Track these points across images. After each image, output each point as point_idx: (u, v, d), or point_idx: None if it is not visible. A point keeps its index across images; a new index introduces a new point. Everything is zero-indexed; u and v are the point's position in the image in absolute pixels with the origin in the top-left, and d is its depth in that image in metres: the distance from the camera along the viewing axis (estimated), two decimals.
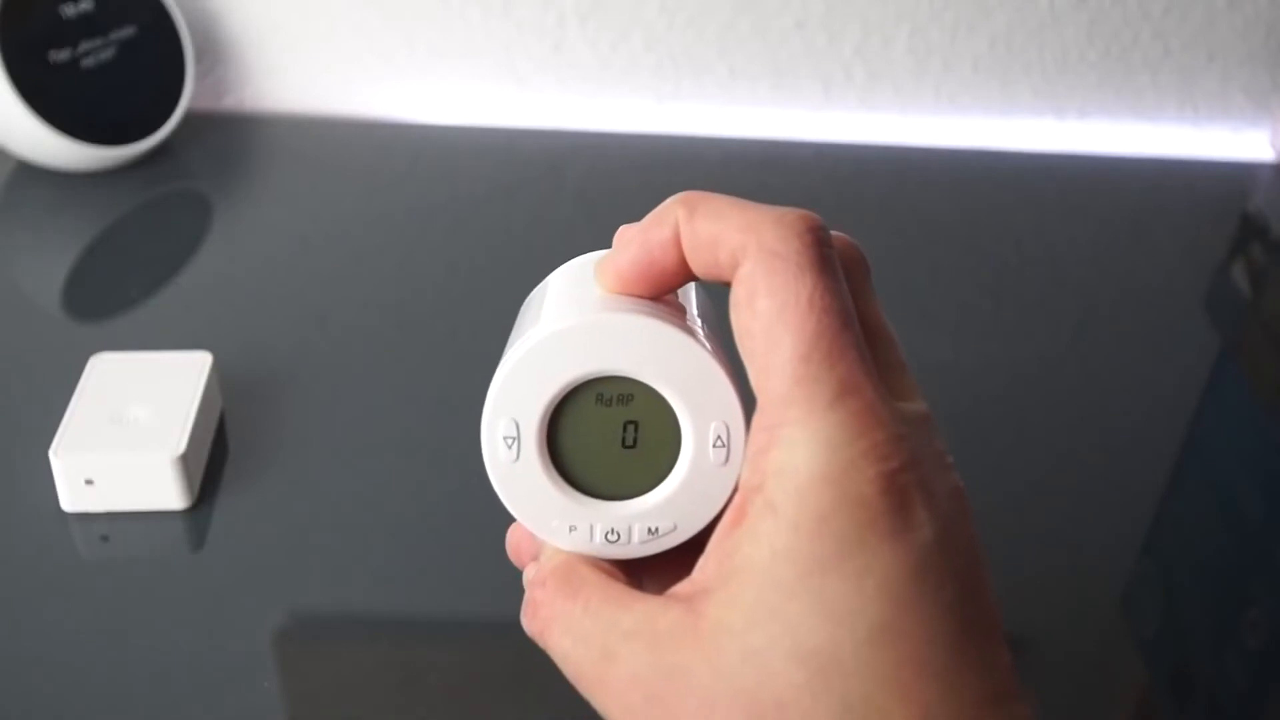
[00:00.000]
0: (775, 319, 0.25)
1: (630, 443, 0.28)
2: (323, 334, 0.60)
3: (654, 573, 0.29)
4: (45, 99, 0.67)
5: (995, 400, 0.57)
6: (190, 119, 0.76)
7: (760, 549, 0.24)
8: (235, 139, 0.79)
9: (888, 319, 0.29)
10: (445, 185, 0.75)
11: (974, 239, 0.73)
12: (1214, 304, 0.68)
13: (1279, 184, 0.82)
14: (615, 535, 0.29)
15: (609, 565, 0.29)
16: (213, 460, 0.49)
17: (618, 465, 0.28)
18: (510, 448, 0.28)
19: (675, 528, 0.29)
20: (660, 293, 0.28)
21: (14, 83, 0.66)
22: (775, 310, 0.25)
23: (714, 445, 0.28)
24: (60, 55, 0.68)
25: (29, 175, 0.71)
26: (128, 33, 0.72)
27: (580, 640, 0.27)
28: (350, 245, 0.68)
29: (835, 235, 0.27)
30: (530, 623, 0.28)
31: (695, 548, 0.28)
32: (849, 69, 0.82)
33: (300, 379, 0.56)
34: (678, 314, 0.28)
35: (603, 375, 0.27)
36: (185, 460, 0.46)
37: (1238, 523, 0.52)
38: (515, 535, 0.31)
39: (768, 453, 0.25)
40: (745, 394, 0.27)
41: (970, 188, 0.79)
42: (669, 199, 0.27)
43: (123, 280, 0.63)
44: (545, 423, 0.28)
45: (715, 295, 0.30)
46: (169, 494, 0.46)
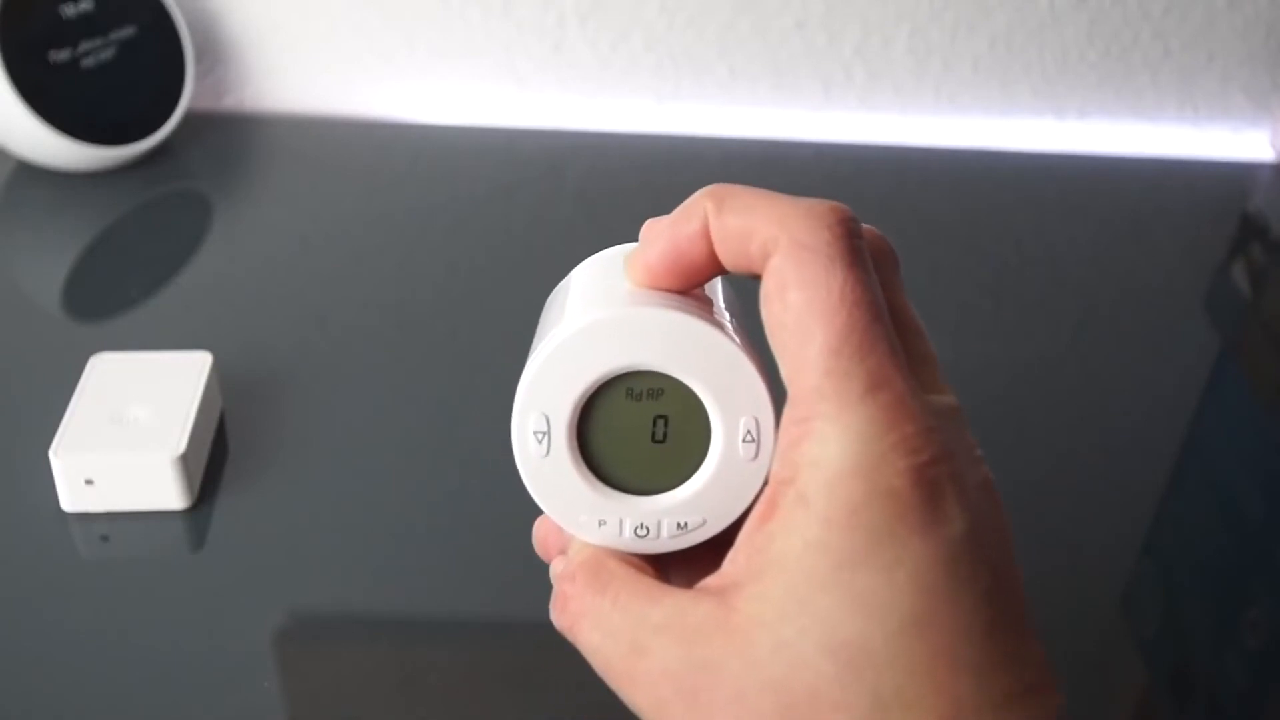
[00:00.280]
0: (806, 311, 0.25)
1: (660, 437, 0.28)
2: (323, 334, 0.60)
3: (681, 567, 0.29)
4: (45, 99, 0.67)
5: (995, 400, 0.57)
6: (190, 119, 0.76)
7: (792, 542, 0.24)
8: (235, 139, 0.79)
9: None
10: (445, 185, 0.75)
11: (974, 239, 0.73)
12: (1214, 304, 0.68)
13: (1279, 184, 0.82)
14: (644, 530, 0.29)
15: (637, 560, 0.29)
16: (213, 460, 0.49)
17: (647, 460, 0.28)
18: (540, 442, 0.28)
19: (704, 522, 0.29)
20: (689, 286, 0.28)
21: (14, 83, 0.66)
22: (806, 303, 0.25)
23: (744, 440, 0.28)
24: (60, 55, 0.68)
25: (29, 175, 0.71)
26: (128, 33, 0.72)
27: (609, 634, 0.27)
28: (350, 245, 0.68)
29: (865, 228, 0.27)
30: (559, 617, 0.28)
31: (722, 542, 0.28)
32: (849, 69, 0.82)
33: (300, 379, 0.56)
34: (707, 308, 0.28)
35: (633, 370, 0.27)
36: (185, 460, 0.46)
37: (1238, 523, 0.52)
38: (542, 529, 0.31)
39: (799, 446, 0.25)
40: (775, 389, 0.27)
41: (970, 188, 0.79)
42: (697, 192, 0.27)
43: (123, 280, 0.63)
44: (576, 417, 0.28)
45: (741, 289, 0.30)
46: (169, 494, 0.46)
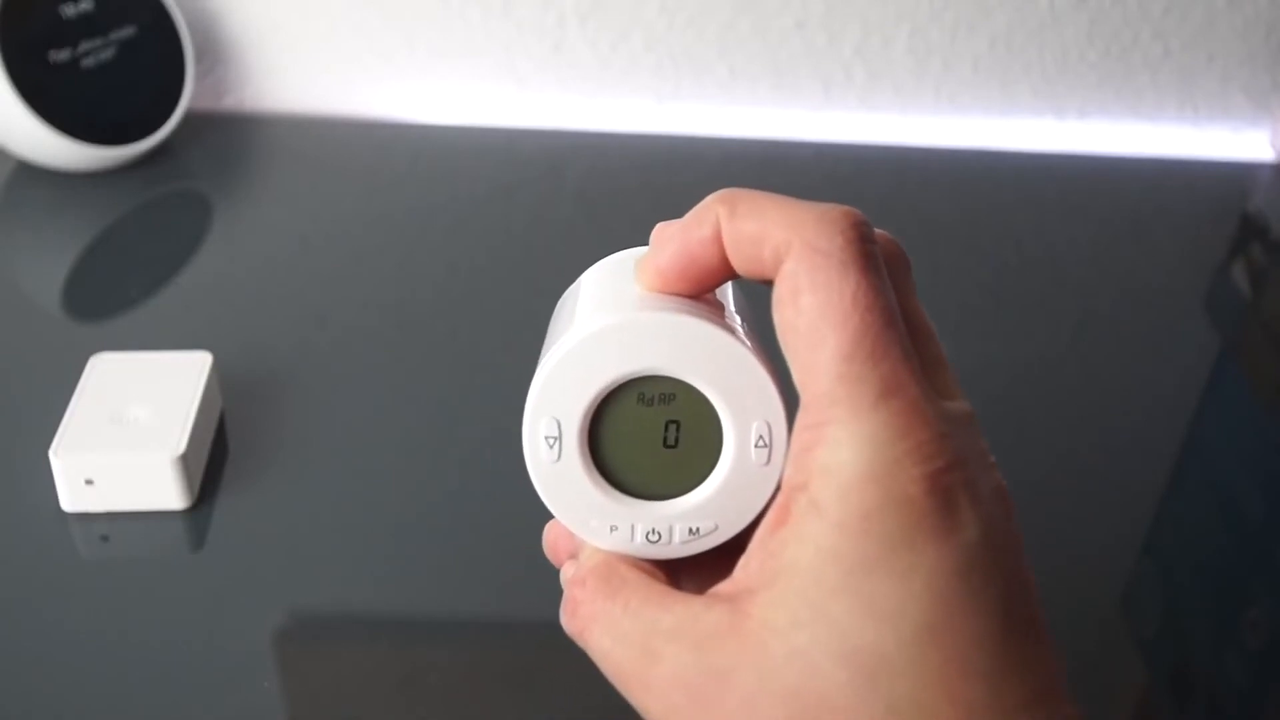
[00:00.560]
0: (819, 316, 0.25)
1: (672, 442, 0.28)
2: (323, 334, 0.60)
3: (692, 573, 0.29)
4: (45, 99, 0.67)
5: (995, 400, 0.57)
6: (190, 119, 0.76)
7: (805, 548, 0.24)
8: (235, 139, 0.79)
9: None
10: (445, 185, 0.75)
11: (974, 239, 0.73)
12: (1214, 304, 0.68)
13: (1279, 184, 0.82)
14: (656, 535, 0.28)
15: (648, 565, 0.29)
16: (213, 460, 0.49)
17: (659, 465, 0.28)
18: (552, 447, 0.28)
19: (716, 528, 0.28)
20: (700, 291, 0.28)
21: (14, 83, 0.66)
22: (819, 307, 0.25)
23: (756, 445, 0.27)
24: (60, 55, 0.68)
25: (29, 175, 0.71)
26: (128, 33, 0.72)
27: (621, 640, 0.27)
28: (350, 245, 0.68)
29: (877, 232, 0.27)
30: (570, 621, 0.28)
31: (733, 548, 0.28)
32: (849, 69, 0.82)
33: (300, 379, 0.55)
34: (718, 313, 0.28)
35: (645, 374, 0.27)
36: (185, 460, 0.46)
37: (1238, 523, 0.52)
38: (552, 534, 0.31)
39: (812, 451, 0.25)
40: (787, 393, 0.27)
41: (970, 188, 0.79)
42: (709, 197, 0.27)
43: (123, 280, 0.63)
44: (587, 422, 0.28)
45: (751, 293, 0.30)
46: (169, 494, 0.46)
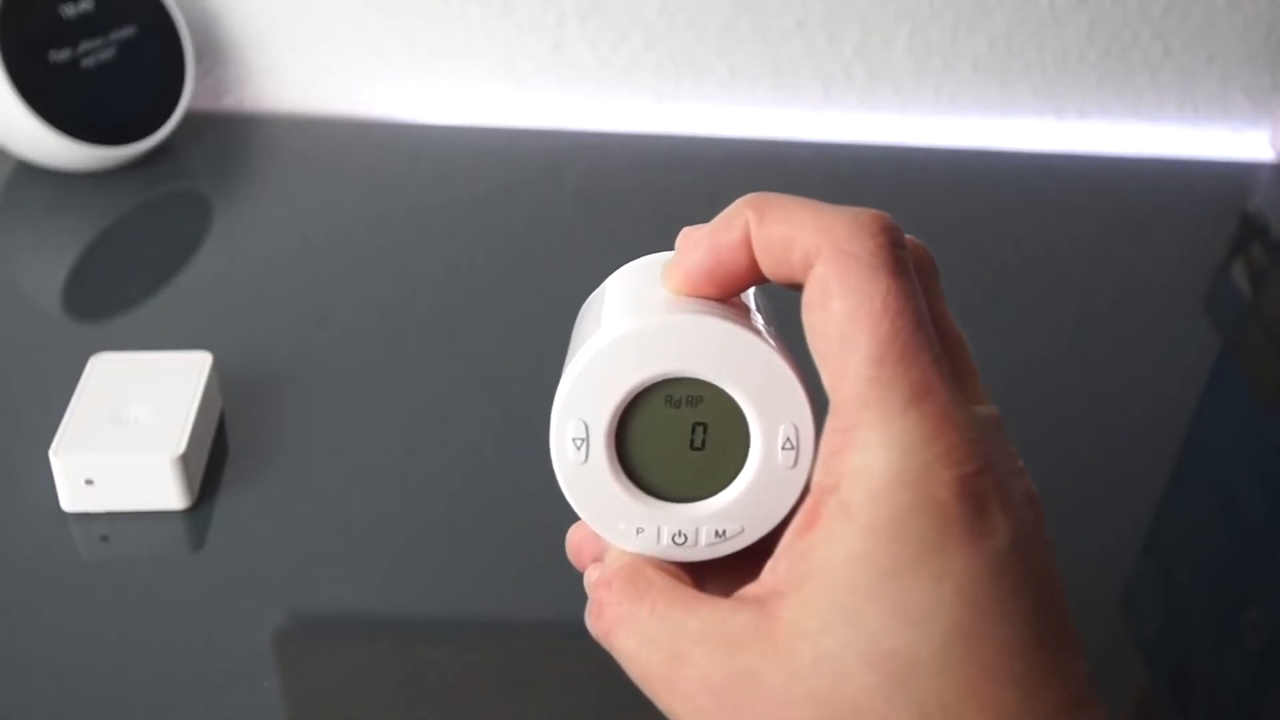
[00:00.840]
0: (849, 320, 0.25)
1: (699, 445, 0.28)
2: (323, 334, 0.60)
3: (716, 576, 0.29)
4: (45, 99, 0.67)
5: (995, 400, 0.57)
6: (190, 119, 0.76)
7: (835, 551, 0.24)
8: (235, 139, 0.79)
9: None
10: (445, 185, 0.75)
11: (974, 239, 0.73)
12: (1214, 304, 0.68)
13: (1279, 184, 0.82)
14: (682, 537, 0.28)
15: (674, 568, 0.29)
16: (213, 460, 0.49)
17: (686, 467, 0.28)
18: (579, 449, 0.28)
19: (743, 530, 0.28)
20: (727, 295, 0.28)
21: (14, 83, 0.66)
22: (849, 311, 0.25)
23: (783, 447, 0.27)
24: (60, 55, 0.68)
25: (29, 175, 0.71)
26: (128, 33, 0.72)
27: (647, 642, 0.26)
28: (350, 245, 0.68)
29: (906, 237, 0.27)
30: (595, 623, 0.28)
31: (757, 552, 0.28)
32: (849, 69, 0.82)
33: (300, 379, 0.55)
34: (745, 315, 0.28)
35: (672, 376, 0.27)
36: (185, 460, 0.46)
37: (1238, 523, 0.52)
38: (576, 537, 0.31)
39: (842, 455, 0.25)
40: (814, 396, 0.27)
41: (970, 188, 0.79)
42: (737, 201, 0.27)
43: (123, 280, 0.63)
44: (614, 424, 0.28)
45: (777, 297, 0.30)
46: (169, 494, 0.46)
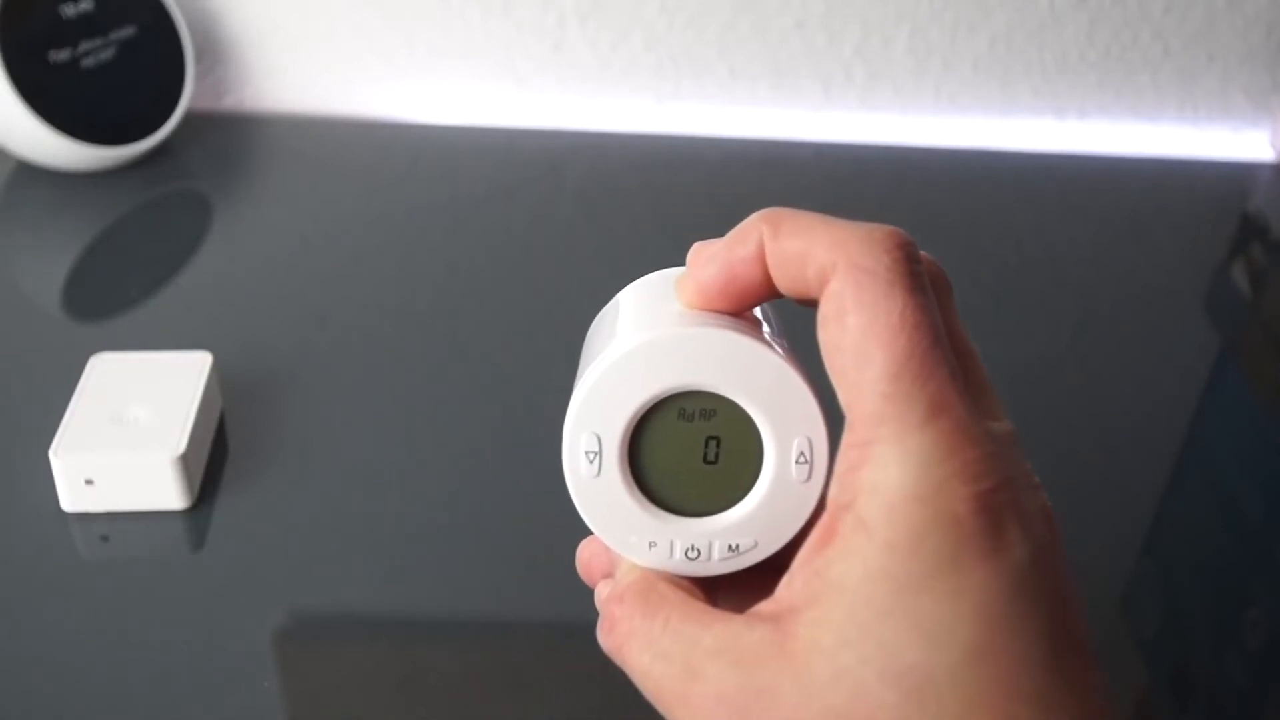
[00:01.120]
0: (865, 335, 0.25)
1: (712, 458, 0.28)
2: (323, 334, 0.60)
3: (728, 592, 0.29)
4: (45, 99, 0.67)
5: None
6: (190, 119, 0.76)
7: (852, 567, 0.24)
8: (235, 139, 0.79)
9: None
10: (445, 185, 0.75)
11: (974, 239, 0.73)
12: (1214, 304, 0.68)
13: (1279, 184, 0.82)
14: (695, 552, 0.28)
15: (687, 583, 0.28)
16: (213, 460, 0.49)
17: (699, 481, 0.28)
18: (592, 462, 0.28)
19: (756, 545, 0.28)
20: (740, 309, 0.28)
21: (14, 83, 0.66)
22: (865, 326, 0.25)
23: (797, 461, 0.27)
24: (60, 55, 0.68)
25: (29, 175, 0.71)
26: (128, 33, 0.72)
27: (660, 657, 0.26)
28: (350, 245, 0.68)
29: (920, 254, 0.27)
30: (606, 638, 0.28)
31: (769, 568, 0.28)
32: (849, 69, 0.82)
33: (300, 379, 0.55)
34: (758, 329, 0.28)
35: (686, 390, 0.27)
36: (185, 460, 0.46)
37: (1238, 523, 0.52)
38: (586, 552, 0.31)
39: (858, 470, 0.25)
40: (828, 411, 0.27)
41: (970, 188, 0.79)
42: (752, 216, 0.27)
43: (123, 280, 0.63)
44: (628, 437, 0.28)
45: (787, 312, 0.30)
46: (169, 494, 0.46)
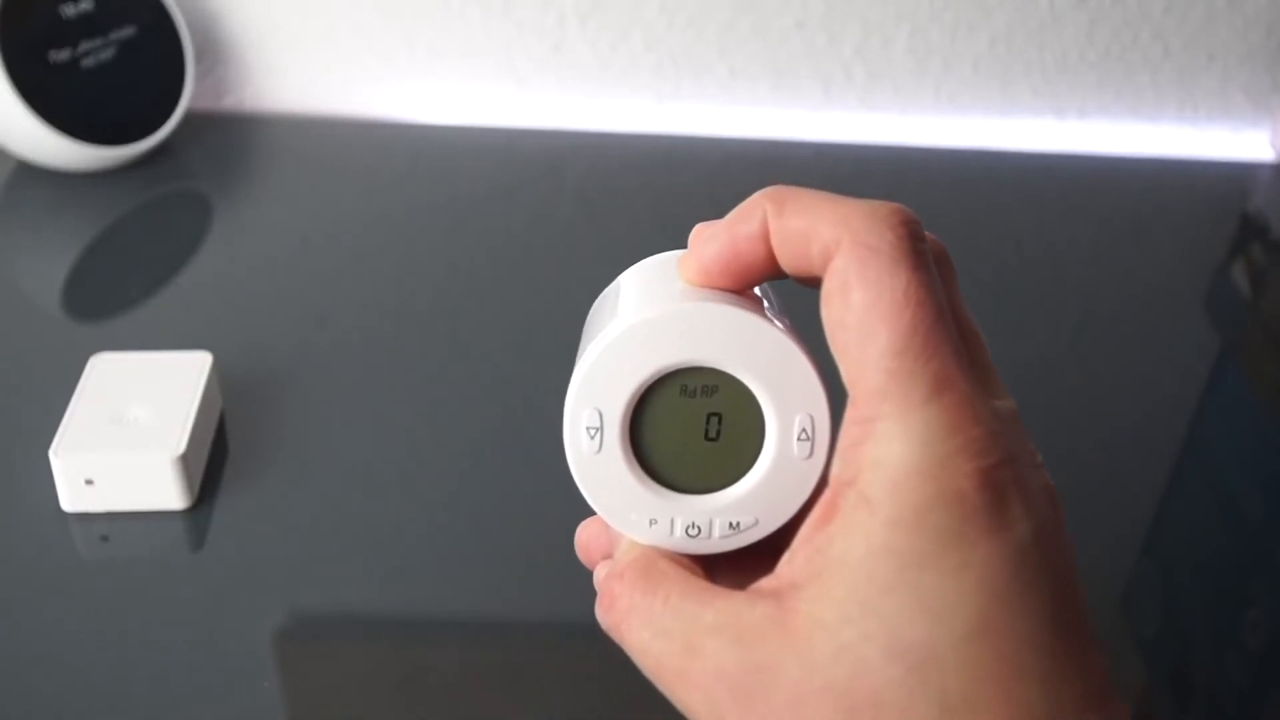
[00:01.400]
0: (869, 312, 0.25)
1: (713, 435, 0.28)
2: (323, 334, 0.60)
3: (728, 569, 0.29)
4: (45, 99, 0.67)
5: None
6: (190, 119, 0.76)
7: (855, 543, 0.24)
8: (235, 139, 0.79)
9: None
10: (445, 185, 0.75)
11: (974, 239, 0.73)
12: (1214, 304, 0.68)
13: (1279, 184, 0.82)
14: (696, 529, 0.28)
15: (687, 560, 0.28)
16: (213, 460, 0.49)
17: (700, 458, 0.28)
18: (593, 438, 0.27)
19: (757, 522, 0.28)
20: (743, 287, 0.28)
21: (14, 83, 0.66)
22: (869, 303, 0.25)
23: (798, 438, 0.27)
24: (60, 55, 0.68)
25: (29, 175, 0.71)
26: (128, 33, 0.72)
27: (660, 634, 0.26)
28: (350, 245, 0.68)
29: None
30: (605, 615, 0.28)
31: (769, 545, 0.27)
32: (849, 69, 0.82)
33: (300, 379, 0.56)
34: (760, 306, 0.28)
35: (688, 366, 0.27)
36: (185, 460, 0.46)
37: (1238, 523, 0.52)
38: (585, 534, 0.31)
39: (861, 446, 0.25)
40: (830, 387, 0.27)
41: (970, 188, 0.79)
42: (755, 194, 0.27)
43: (123, 280, 0.63)
44: (629, 413, 0.27)
45: (787, 292, 0.30)
46: (169, 494, 0.46)
